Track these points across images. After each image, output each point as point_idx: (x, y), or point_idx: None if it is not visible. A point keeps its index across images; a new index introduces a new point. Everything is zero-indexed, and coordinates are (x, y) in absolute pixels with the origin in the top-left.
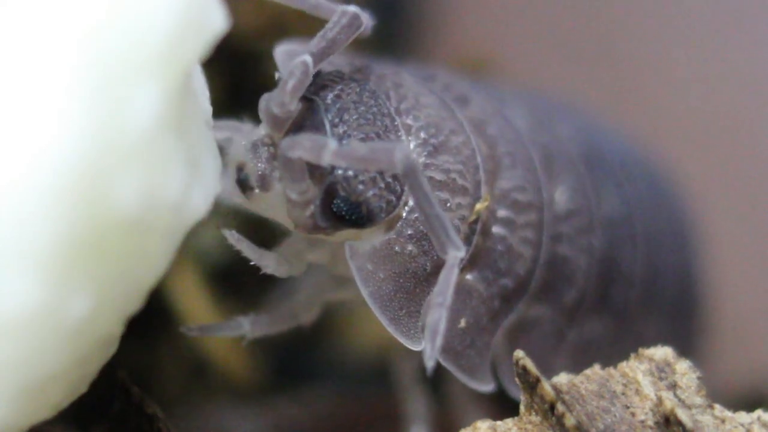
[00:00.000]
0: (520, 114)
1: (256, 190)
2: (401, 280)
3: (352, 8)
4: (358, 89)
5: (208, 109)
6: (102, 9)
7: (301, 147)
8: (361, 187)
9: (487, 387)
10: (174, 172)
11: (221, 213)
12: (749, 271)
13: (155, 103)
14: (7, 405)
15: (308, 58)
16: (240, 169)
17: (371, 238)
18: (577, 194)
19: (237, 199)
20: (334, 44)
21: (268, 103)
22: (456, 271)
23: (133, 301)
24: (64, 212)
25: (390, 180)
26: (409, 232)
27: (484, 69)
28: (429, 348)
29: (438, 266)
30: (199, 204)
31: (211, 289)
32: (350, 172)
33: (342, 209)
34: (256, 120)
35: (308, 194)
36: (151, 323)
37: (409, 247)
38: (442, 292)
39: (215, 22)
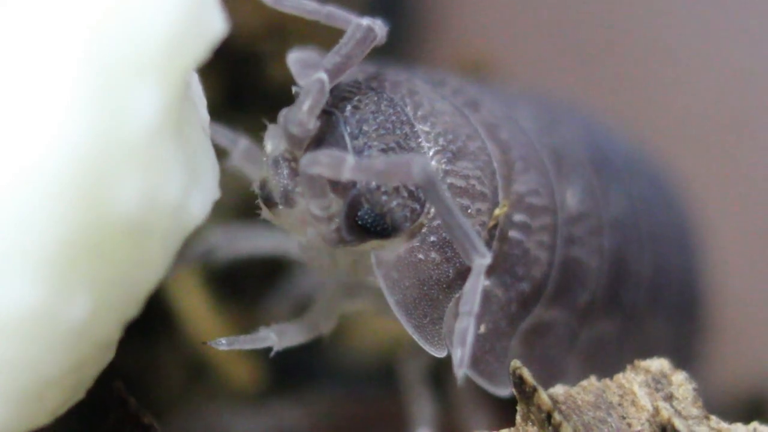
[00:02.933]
0: (527, 116)
1: (280, 206)
2: (425, 288)
3: (366, 21)
4: (375, 98)
5: (206, 116)
6: (102, 13)
7: (320, 164)
8: (384, 198)
9: (505, 391)
10: (173, 175)
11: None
12: (750, 271)
13: (155, 106)
14: (4, 408)
15: (324, 76)
16: (263, 185)
17: (395, 246)
18: (587, 196)
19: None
20: (349, 59)
21: (286, 120)
22: (482, 278)
23: (131, 307)
24: (65, 214)
25: (413, 188)
26: (432, 239)
27: (483, 70)
28: (459, 356)
29: (460, 273)
30: (197, 210)
31: (211, 291)
32: (372, 184)
33: (367, 222)
34: (255, 130)
35: (331, 209)
36: (152, 324)
37: (433, 255)
38: (469, 299)
39: (215, 27)
